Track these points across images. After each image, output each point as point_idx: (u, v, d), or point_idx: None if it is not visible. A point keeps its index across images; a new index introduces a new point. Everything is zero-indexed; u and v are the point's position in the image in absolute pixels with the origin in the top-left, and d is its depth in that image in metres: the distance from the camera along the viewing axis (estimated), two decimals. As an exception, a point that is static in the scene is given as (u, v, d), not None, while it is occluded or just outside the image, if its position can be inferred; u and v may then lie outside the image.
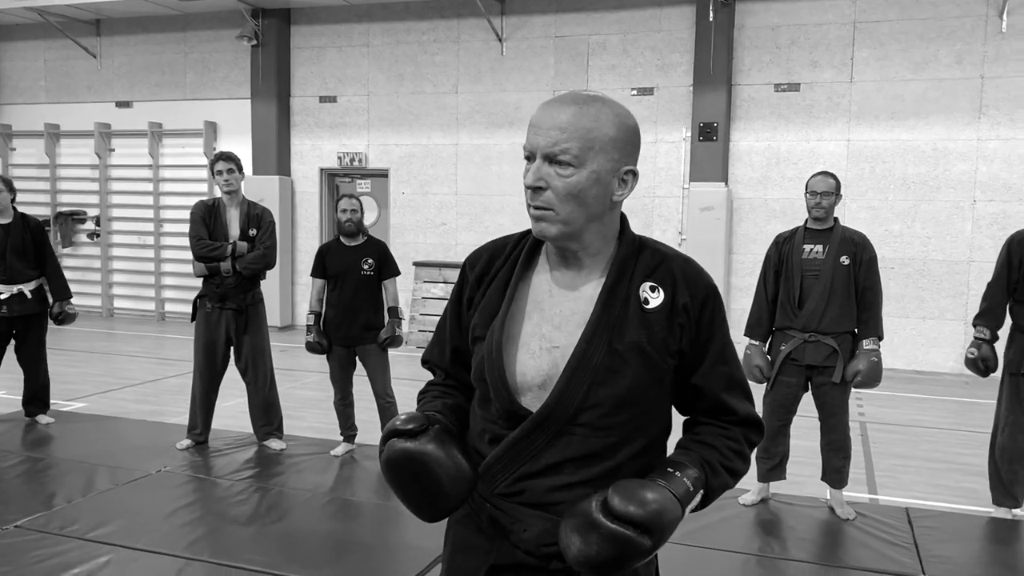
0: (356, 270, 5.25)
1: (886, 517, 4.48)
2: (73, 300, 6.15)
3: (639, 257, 1.49)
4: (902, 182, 8.94)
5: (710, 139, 9.34)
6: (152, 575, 3.63)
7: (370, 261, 5.27)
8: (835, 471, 4.52)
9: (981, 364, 4.52)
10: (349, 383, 5.44)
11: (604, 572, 1.36)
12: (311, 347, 5.34)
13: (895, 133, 8.93)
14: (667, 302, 1.45)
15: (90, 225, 12.36)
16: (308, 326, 5.34)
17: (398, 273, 5.44)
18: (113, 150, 12.20)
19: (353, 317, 5.26)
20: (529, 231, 1.56)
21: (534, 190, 1.42)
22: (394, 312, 5.38)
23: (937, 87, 8.77)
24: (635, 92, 9.80)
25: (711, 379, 1.49)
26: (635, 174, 1.48)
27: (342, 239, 5.36)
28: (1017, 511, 4.58)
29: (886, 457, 5.74)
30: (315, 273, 5.37)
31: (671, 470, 1.42)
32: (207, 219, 5.34)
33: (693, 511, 1.46)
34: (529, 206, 1.44)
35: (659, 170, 9.77)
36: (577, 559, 1.36)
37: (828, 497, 4.63)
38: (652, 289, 1.45)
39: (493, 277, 1.58)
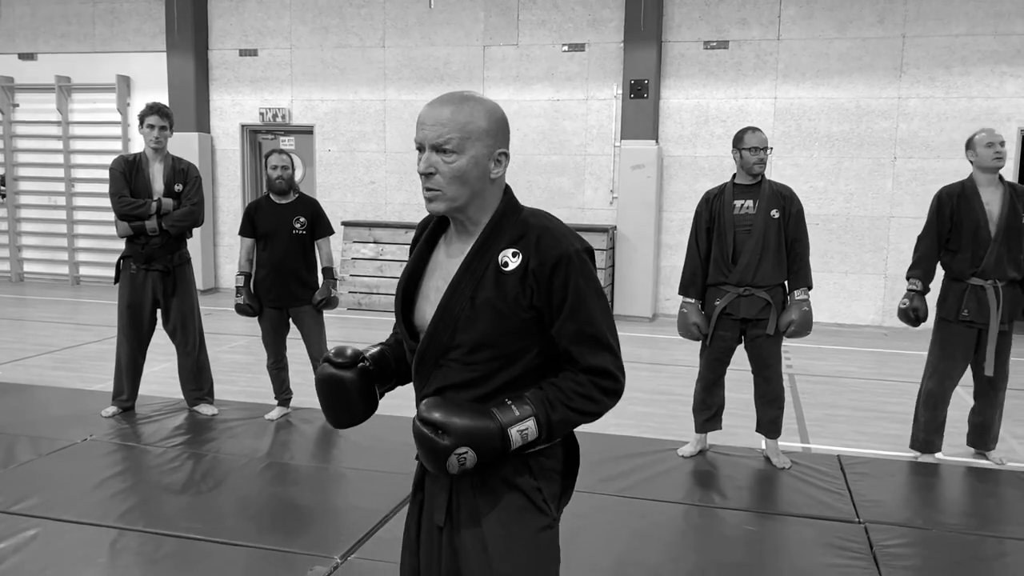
0: (287, 229, 5.08)
1: (819, 465, 4.61)
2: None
3: (508, 227, 1.75)
4: (826, 139, 9.12)
5: (641, 96, 9.34)
6: (84, 547, 3.48)
7: (302, 219, 5.10)
8: (770, 422, 4.62)
9: (912, 314, 4.66)
10: (282, 346, 5.29)
11: (428, 464, 1.72)
12: (241, 309, 5.16)
13: (820, 91, 9.09)
14: (521, 266, 1.71)
15: (-5, 185, 11.71)
16: (238, 288, 5.15)
17: (331, 232, 5.29)
18: (17, 105, 11.53)
19: (285, 278, 5.10)
20: None
21: (426, 175, 1.71)
22: (329, 273, 5.24)
23: (860, 46, 8.94)
24: (566, 48, 9.71)
25: (561, 333, 1.73)
26: (507, 155, 1.77)
27: (272, 196, 5.16)
28: (938, 455, 4.78)
29: (815, 407, 5.91)
30: (243, 232, 5.18)
31: (507, 400, 1.72)
32: (128, 175, 5.06)
33: (537, 439, 1.72)
34: (424, 188, 1.73)
35: (590, 128, 9.74)
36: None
37: (763, 447, 4.74)
38: (514, 255, 1.72)
39: (415, 243, 1.94)
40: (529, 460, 1.79)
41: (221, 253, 11.05)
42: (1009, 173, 8.10)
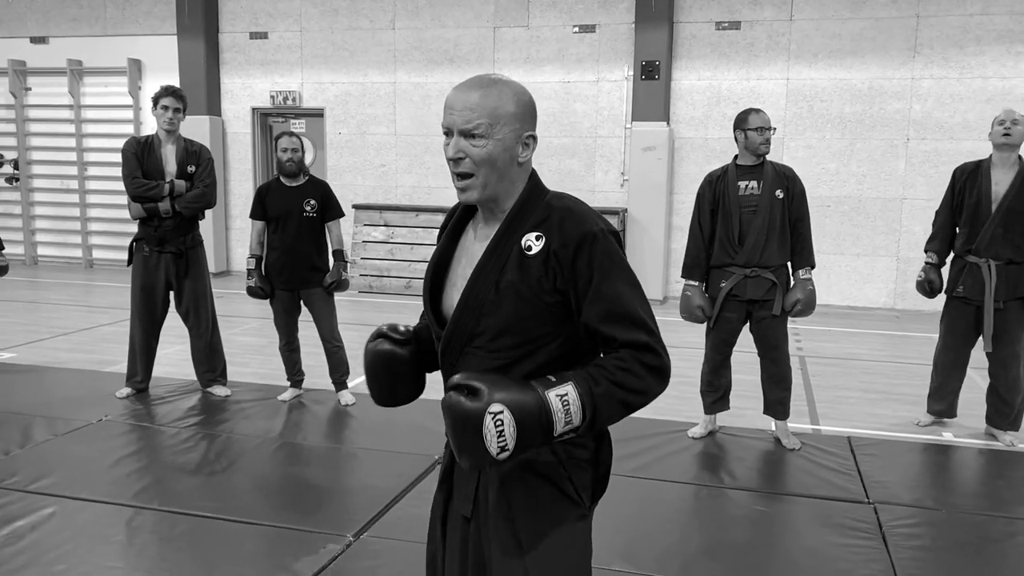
0: (298, 211, 5.09)
1: (829, 446, 4.62)
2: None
3: (531, 211, 1.73)
4: (839, 121, 9.06)
5: (652, 78, 9.30)
6: (100, 525, 3.53)
7: (312, 202, 5.12)
8: (778, 403, 4.63)
9: (927, 286, 4.87)
10: (294, 328, 5.32)
11: (461, 438, 1.59)
12: (253, 292, 5.19)
13: (832, 72, 9.02)
14: (544, 249, 1.68)
15: (8, 169, 11.76)
16: (249, 270, 5.17)
17: (342, 215, 5.30)
18: (30, 89, 11.57)
19: (296, 260, 5.12)
20: None
21: (455, 161, 1.69)
22: (339, 255, 5.25)
23: (874, 26, 8.85)
24: (577, 29, 9.66)
25: (590, 314, 1.67)
26: (535, 138, 1.75)
27: (282, 179, 5.17)
28: (948, 435, 4.79)
29: (826, 389, 5.91)
30: (254, 215, 5.20)
31: (549, 376, 1.65)
32: (140, 156, 5.08)
33: (583, 415, 1.61)
34: (453, 175, 1.72)
35: (601, 109, 9.71)
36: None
37: (774, 428, 4.75)
38: (537, 238, 1.69)
39: (442, 230, 1.92)
40: (558, 449, 1.74)
41: (233, 236, 11.08)
42: None
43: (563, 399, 1.60)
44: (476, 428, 1.56)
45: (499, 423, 1.56)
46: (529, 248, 1.69)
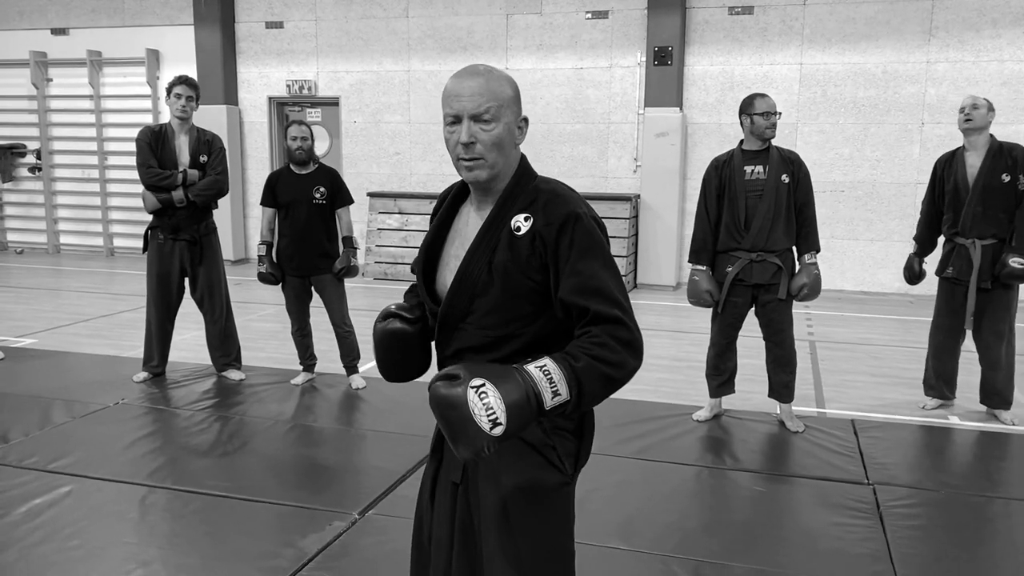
0: (308, 198, 5.17)
1: (833, 429, 4.66)
2: (17, 237, 5.95)
3: (521, 194, 1.81)
4: (853, 105, 9.02)
5: (665, 63, 9.30)
6: (116, 503, 3.65)
7: (322, 189, 5.20)
8: (783, 386, 4.67)
9: (906, 272, 5.16)
10: (306, 313, 5.42)
11: (450, 436, 1.60)
12: (263, 278, 5.28)
13: (846, 56, 8.97)
14: (532, 229, 1.76)
15: (31, 159, 11.96)
16: (260, 257, 5.26)
17: (351, 202, 5.38)
18: (51, 80, 11.75)
19: (306, 247, 5.21)
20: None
21: (466, 145, 1.75)
22: (348, 242, 5.34)
23: (888, 9, 8.79)
24: (589, 15, 9.66)
25: (566, 288, 1.73)
26: (527, 121, 1.84)
27: (292, 167, 5.26)
28: (953, 418, 4.82)
29: (834, 374, 5.93)
30: (265, 202, 5.29)
31: (528, 359, 1.68)
32: (154, 146, 5.19)
33: (570, 390, 1.63)
34: (461, 159, 1.77)
35: (614, 95, 9.72)
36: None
37: (778, 412, 4.79)
38: (526, 219, 1.77)
39: (434, 214, 1.99)
40: (544, 421, 1.79)
41: (251, 224, 11.22)
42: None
43: (543, 370, 1.63)
44: (462, 407, 1.57)
45: (483, 395, 1.57)
46: (519, 229, 1.77)
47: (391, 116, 10.54)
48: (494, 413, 1.57)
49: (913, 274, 5.14)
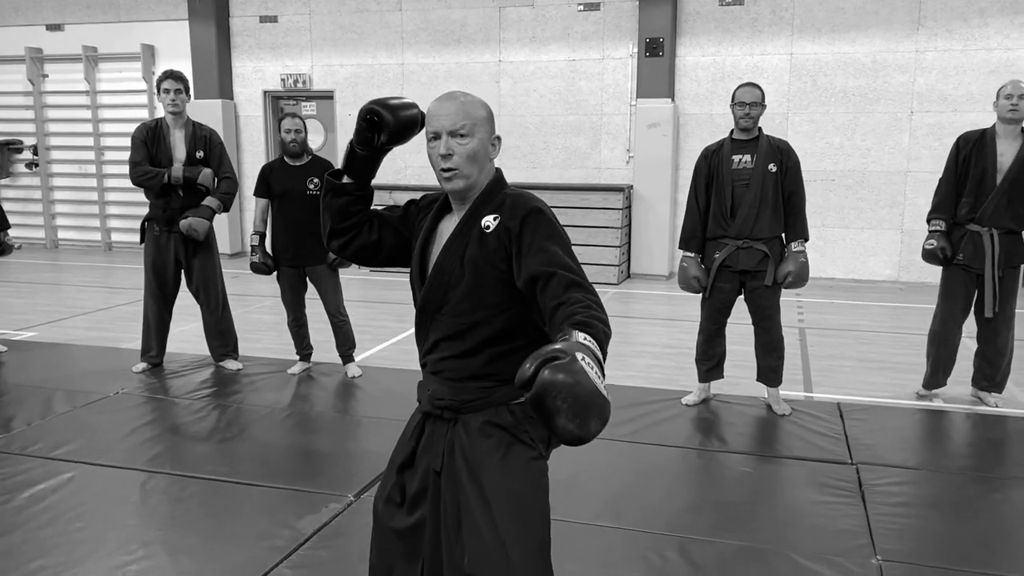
0: (301, 190, 5.24)
1: (819, 412, 4.76)
2: (12, 232, 6.04)
3: (492, 199, 2.03)
4: (842, 95, 9.10)
5: (656, 55, 9.37)
6: (116, 488, 3.74)
7: (316, 180, 5.26)
8: (771, 371, 4.76)
9: (940, 253, 4.79)
10: (301, 304, 5.49)
11: (574, 414, 1.52)
12: (256, 267, 5.34)
13: (836, 46, 9.05)
14: (498, 225, 1.98)
15: (28, 155, 12.03)
16: (253, 247, 5.33)
17: (347, 193, 5.44)
18: (47, 76, 11.80)
19: (300, 238, 5.27)
20: None
21: (444, 157, 1.98)
22: (344, 232, 5.39)
23: (877, -1, 8.87)
24: (581, 8, 9.73)
25: (529, 264, 1.89)
26: (499, 139, 2.08)
27: (286, 159, 5.33)
28: (939, 401, 4.91)
29: (822, 359, 6.02)
30: (258, 192, 5.36)
31: (560, 334, 1.67)
32: (149, 142, 5.26)
33: (602, 350, 1.65)
34: (441, 170, 2.00)
35: (606, 87, 9.79)
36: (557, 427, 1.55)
37: (766, 396, 4.88)
38: (494, 219, 1.99)
39: (424, 218, 2.20)
40: (515, 410, 2.01)
41: (247, 217, 11.27)
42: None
43: (586, 337, 1.63)
44: (588, 381, 1.51)
45: (590, 365, 1.53)
46: (488, 227, 1.99)
47: (386, 109, 10.56)
48: (595, 369, 1.55)
49: (947, 255, 4.77)
